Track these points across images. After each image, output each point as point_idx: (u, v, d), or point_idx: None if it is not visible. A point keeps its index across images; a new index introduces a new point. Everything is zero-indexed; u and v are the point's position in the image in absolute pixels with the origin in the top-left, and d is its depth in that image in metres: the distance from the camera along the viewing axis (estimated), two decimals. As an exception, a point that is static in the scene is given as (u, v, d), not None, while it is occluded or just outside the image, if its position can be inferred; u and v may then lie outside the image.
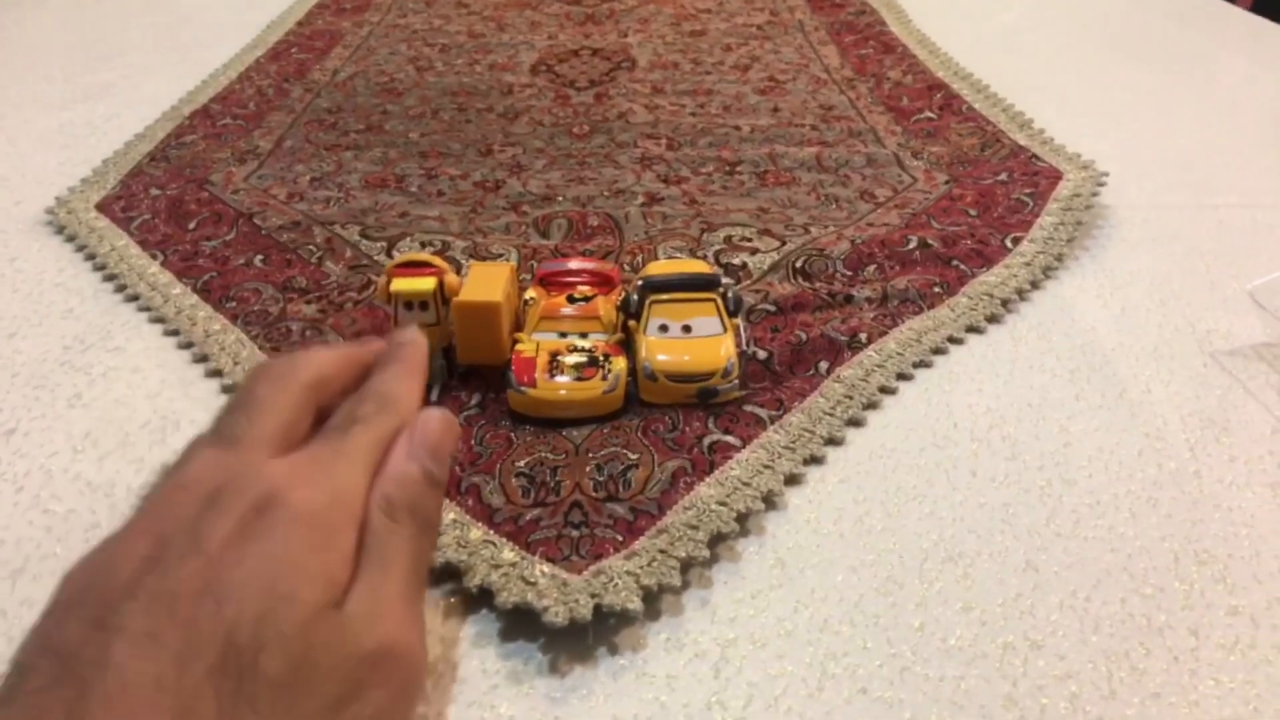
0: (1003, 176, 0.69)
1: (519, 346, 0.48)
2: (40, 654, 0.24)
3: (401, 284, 0.47)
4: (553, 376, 0.46)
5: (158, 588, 0.25)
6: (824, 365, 0.50)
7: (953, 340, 0.53)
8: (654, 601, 0.37)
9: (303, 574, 0.26)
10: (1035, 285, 0.57)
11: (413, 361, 0.33)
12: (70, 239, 0.63)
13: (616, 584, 0.37)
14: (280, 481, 0.27)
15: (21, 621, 0.36)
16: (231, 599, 0.25)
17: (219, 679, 0.24)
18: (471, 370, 0.49)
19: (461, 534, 0.39)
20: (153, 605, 0.24)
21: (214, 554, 0.25)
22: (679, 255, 0.60)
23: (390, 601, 0.28)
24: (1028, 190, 0.66)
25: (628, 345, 0.49)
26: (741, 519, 0.40)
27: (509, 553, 0.38)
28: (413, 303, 0.47)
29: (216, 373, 0.50)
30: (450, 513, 0.40)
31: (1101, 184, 0.67)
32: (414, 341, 0.34)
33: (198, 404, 0.48)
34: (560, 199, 0.68)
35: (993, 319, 0.54)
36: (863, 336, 0.51)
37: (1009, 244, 0.60)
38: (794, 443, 0.45)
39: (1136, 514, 0.41)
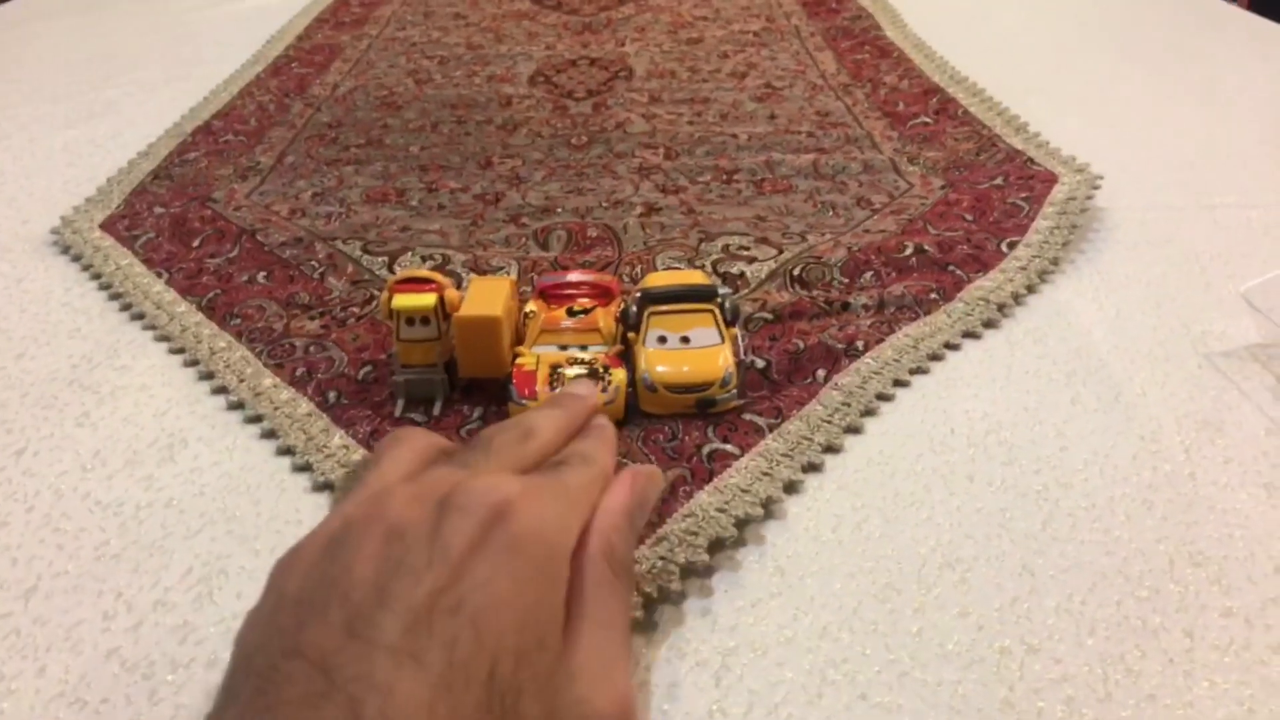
0: (998, 180, 0.69)
1: (519, 360, 0.48)
2: (289, 657, 0.23)
3: (403, 300, 0.47)
4: (554, 389, 0.47)
5: (410, 599, 0.24)
6: (822, 373, 0.50)
7: (949, 346, 0.53)
8: (655, 611, 0.38)
9: (550, 615, 0.26)
10: (1031, 290, 0.58)
11: (609, 436, 0.36)
12: (76, 258, 0.64)
13: (618, 594, 0.37)
14: (515, 491, 0.27)
15: (35, 640, 0.37)
16: (489, 629, 0.24)
17: (485, 716, 0.23)
18: (473, 384, 0.49)
19: (465, 547, 0.40)
20: (410, 620, 0.23)
21: (458, 564, 0.25)
22: (677, 265, 0.61)
23: (617, 662, 0.28)
24: (1023, 194, 0.67)
25: (627, 357, 0.49)
26: (741, 525, 0.41)
27: (512, 565, 0.39)
28: (414, 318, 0.48)
29: (222, 390, 0.51)
30: (454, 526, 0.41)
31: (1096, 187, 0.67)
32: (609, 426, 0.38)
33: (204, 421, 0.49)
34: (559, 210, 0.69)
35: (989, 324, 0.55)
36: (860, 344, 0.52)
37: (1005, 248, 0.61)
38: (792, 450, 0.45)
39: (1132, 517, 0.42)
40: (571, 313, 0.51)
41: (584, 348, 0.49)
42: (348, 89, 0.94)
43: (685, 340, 0.48)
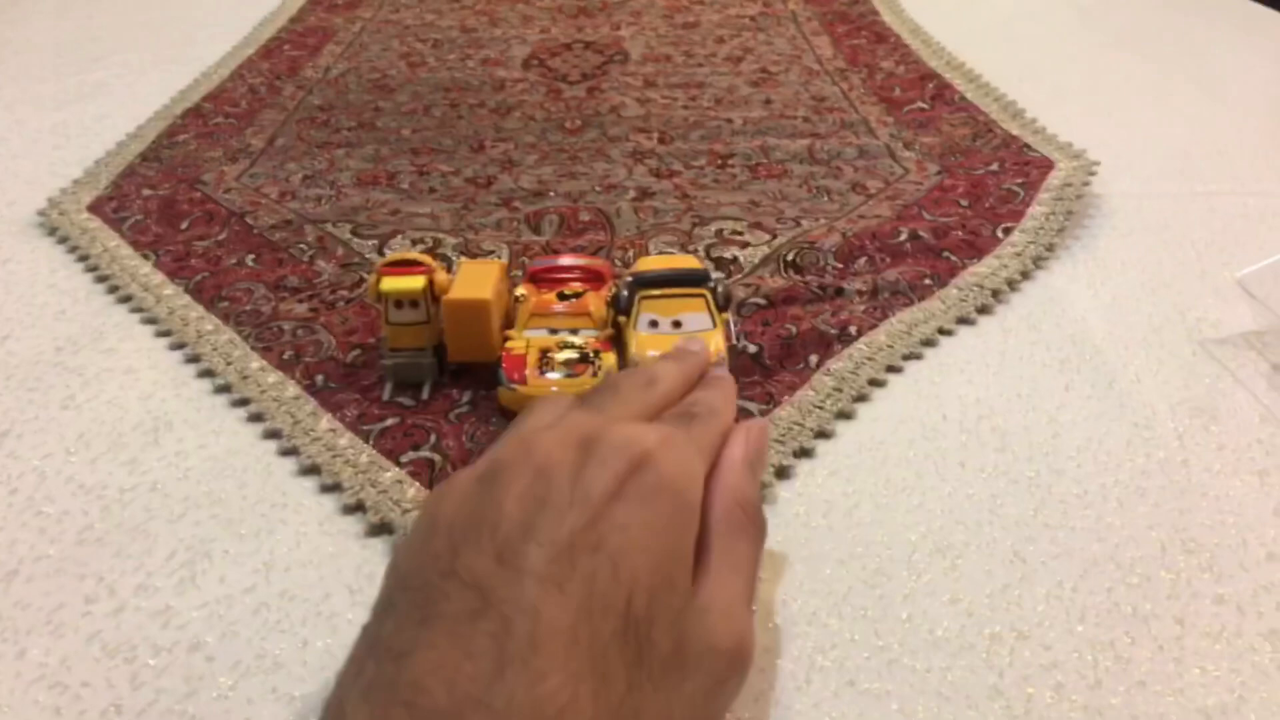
0: (994, 166, 0.69)
1: (509, 344, 0.48)
2: (446, 577, 0.25)
3: (391, 283, 0.47)
4: (543, 373, 0.46)
5: (554, 534, 0.26)
6: (814, 359, 0.50)
7: (943, 332, 0.53)
8: (643, 596, 0.37)
9: (680, 558, 0.28)
10: (1025, 276, 0.57)
11: (731, 389, 0.37)
12: (62, 240, 0.63)
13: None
14: (651, 444, 0.29)
15: (15, 623, 0.37)
16: (625, 565, 0.26)
17: (622, 644, 0.25)
18: (462, 368, 0.49)
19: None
20: (554, 553, 0.25)
21: (598, 508, 0.27)
22: (670, 250, 0.60)
23: (740, 603, 0.29)
24: (1019, 180, 0.66)
25: (618, 341, 0.49)
26: (730, 513, 0.40)
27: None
28: (403, 301, 0.47)
29: (209, 373, 0.50)
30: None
31: (1092, 173, 0.67)
32: (729, 377, 0.39)
33: (189, 404, 0.49)
34: (552, 194, 0.68)
35: (983, 310, 0.54)
36: (853, 329, 0.52)
37: (1000, 234, 0.60)
38: (783, 436, 0.45)
39: (1124, 503, 0.42)
40: (562, 297, 0.51)
41: (574, 332, 0.49)
42: (340, 71, 0.93)
43: (677, 325, 0.48)
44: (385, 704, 0.23)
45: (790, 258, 0.59)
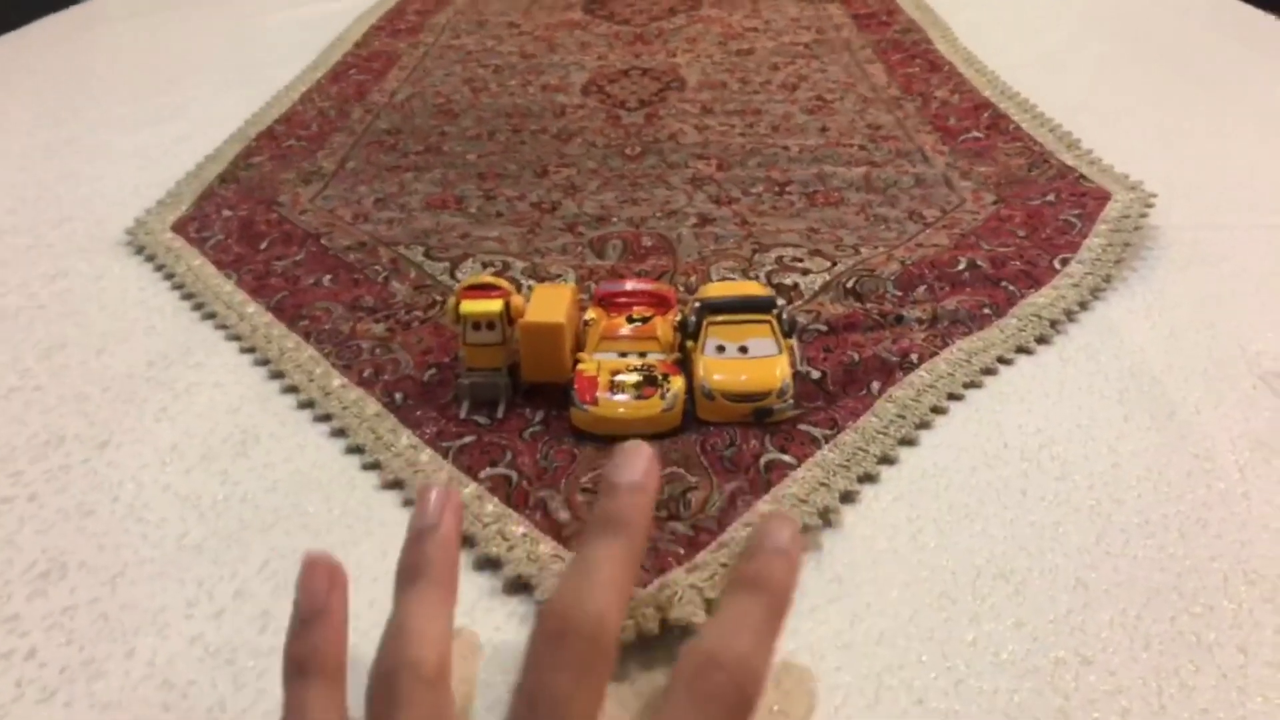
0: (1050, 197, 0.70)
1: (580, 366, 0.50)
2: None
3: (470, 305, 0.49)
4: (613, 395, 0.48)
5: None
6: (876, 385, 0.51)
7: (1002, 361, 0.54)
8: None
9: None
10: (1083, 306, 0.58)
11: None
12: (149, 259, 0.66)
13: (681, 597, 0.38)
14: None
15: (123, 624, 0.39)
16: None
17: None
18: (535, 388, 0.51)
19: (531, 548, 0.41)
20: None
21: None
22: (732, 276, 0.62)
23: None
24: (1075, 211, 0.67)
25: (685, 365, 0.50)
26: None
27: (576, 565, 0.40)
28: (481, 323, 0.49)
29: (292, 389, 0.53)
30: (520, 526, 0.42)
31: (1150, 205, 0.67)
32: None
33: (274, 419, 0.51)
34: (614, 220, 0.70)
35: (1041, 340, 0.55)
36: (914, 357, 0.53)
37: (1057, 265, 0.61)
38: (848, 461, 0.46)
39: (1186, 534, 0.42)
40: (630, 320, 0.52)
41: (643, 355, 0.51)
42: (405, 96, 0.96)
43: (743, 350, 0.49)
44: None
45: (850, 285, 0.60)
